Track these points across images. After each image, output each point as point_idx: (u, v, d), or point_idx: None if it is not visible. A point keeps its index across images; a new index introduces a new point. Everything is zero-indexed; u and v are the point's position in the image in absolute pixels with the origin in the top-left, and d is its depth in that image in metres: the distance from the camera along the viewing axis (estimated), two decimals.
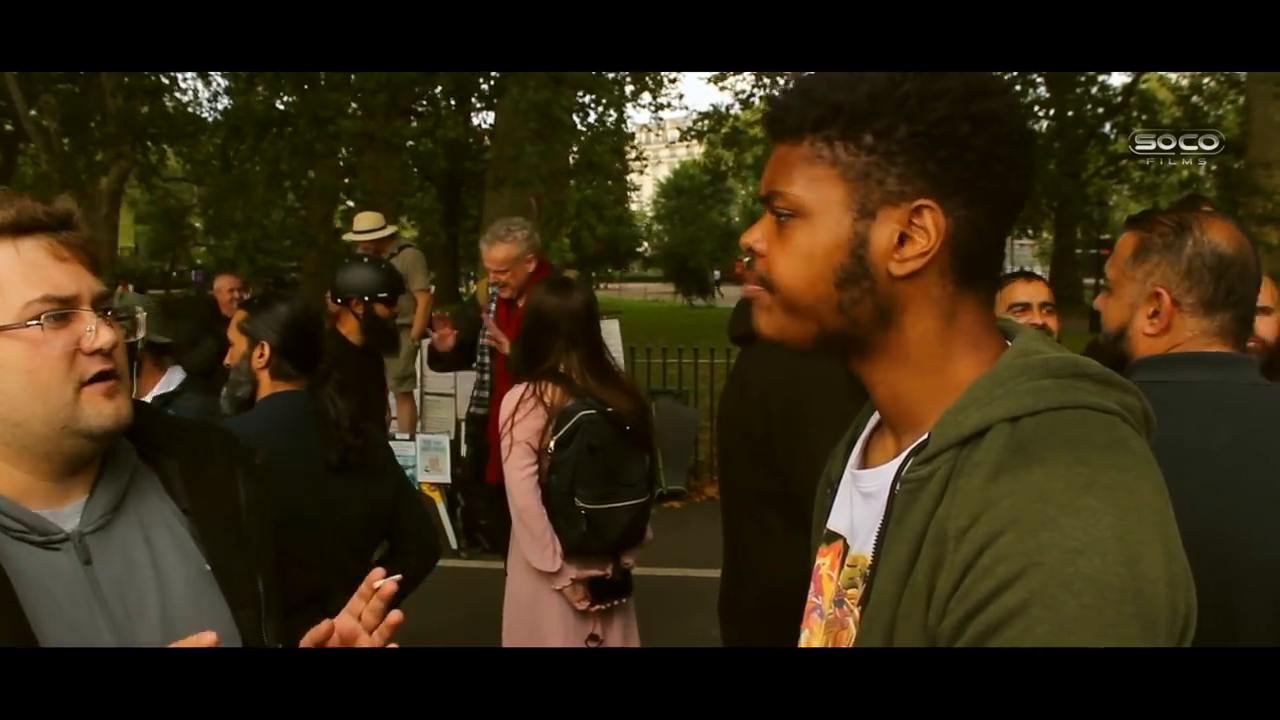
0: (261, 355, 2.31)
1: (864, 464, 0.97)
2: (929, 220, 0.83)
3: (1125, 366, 1.52)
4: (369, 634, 1.14)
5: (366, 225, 6.14)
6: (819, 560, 1.00)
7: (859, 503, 0.94)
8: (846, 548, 0.95)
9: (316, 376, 2.36)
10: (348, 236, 6.95)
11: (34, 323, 1.05)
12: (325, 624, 1.13)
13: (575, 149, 11.77)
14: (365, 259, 3.92)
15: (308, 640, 1.13)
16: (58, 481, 1.11)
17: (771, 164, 0.91)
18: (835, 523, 0.99)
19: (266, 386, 2.33)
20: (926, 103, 0.82)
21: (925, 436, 0.84)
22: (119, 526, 1.13)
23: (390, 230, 6.26)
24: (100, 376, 1.08)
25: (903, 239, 0.84)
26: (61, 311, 1.07)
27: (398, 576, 1.17)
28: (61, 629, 1.04)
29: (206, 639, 0.97)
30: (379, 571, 1.17)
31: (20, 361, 1.05)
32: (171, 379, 3.11)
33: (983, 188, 0.83)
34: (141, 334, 1.19)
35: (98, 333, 1.08)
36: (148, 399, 2.97)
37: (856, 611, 0.88)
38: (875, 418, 0.99)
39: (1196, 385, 1.43)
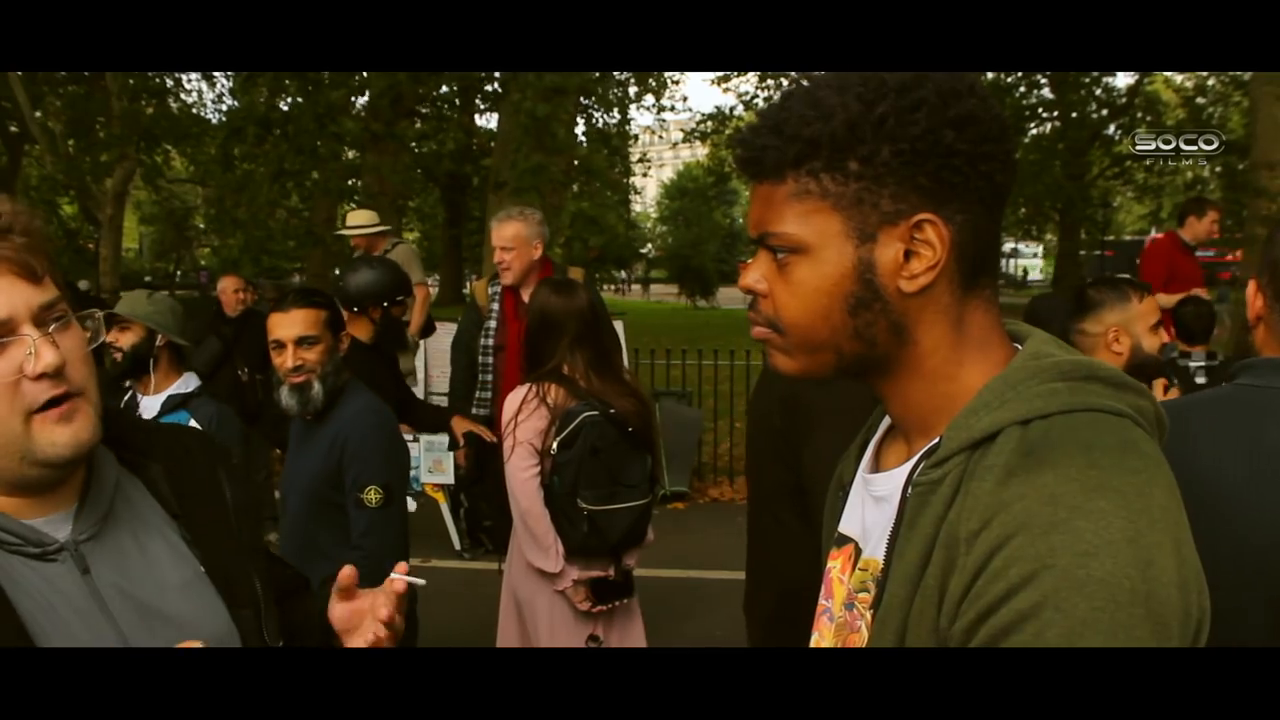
0: None
1: (876, 468, 0.97)
2: (932, 234, 0.83)
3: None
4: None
5: (360, 221, 6.15)
6: (830, 563, 1.00)
7: (871, 506, 0.94)
8: (858, 551, 0.95)
9: None
10: (341, 231, 6.96)
11: None
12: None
13: (575, 158, 11.73)
14: (372, 264, 3.91)
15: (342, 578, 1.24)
16: (41, 498, 1.03)
17: (756, 204, 0.89)
18: (847, 526, 0.99)
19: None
20: (905, 119, 0.80)
21: (937, 440, 0.84)
22: (111, 534, 1.07)
23: (384, 227, 6.27)
24: (52, 402, 0.98)
25: (908, 255, 0.84)
26: None
27: (421, 581, 1.25)
28: (66, 643, 0.98)
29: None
30: (403, 566, 1.25)
31: None
32: (189, 380, 3.11)
33: (974, 188, 0.83)
34: (103, 338, 1.09)
35: (39, 355, 0.96)
36: (162, 397, 2.99)
37: (868, 615, 0.88)
38: (887, 421, 0.99)
39: None
